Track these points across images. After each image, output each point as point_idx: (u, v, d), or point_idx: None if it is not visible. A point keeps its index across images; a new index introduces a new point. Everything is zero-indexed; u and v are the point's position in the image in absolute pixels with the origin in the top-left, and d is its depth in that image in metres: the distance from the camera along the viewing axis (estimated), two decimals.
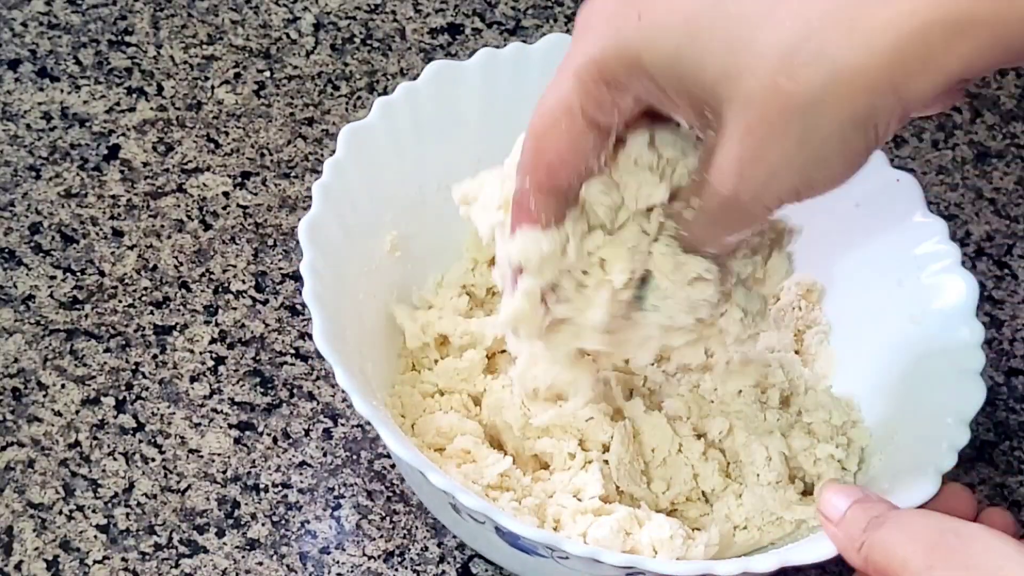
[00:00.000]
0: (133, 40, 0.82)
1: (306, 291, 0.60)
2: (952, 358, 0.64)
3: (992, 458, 0.71)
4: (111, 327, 0.71)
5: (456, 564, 0.65)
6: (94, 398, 0.68)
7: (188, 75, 0.81)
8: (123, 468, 0.66)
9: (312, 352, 0.71)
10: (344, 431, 0.68)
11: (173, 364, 0.70)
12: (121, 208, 0.75)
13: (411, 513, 0.66)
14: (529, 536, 0.56)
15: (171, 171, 0.76)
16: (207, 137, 0.78)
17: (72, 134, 0.77)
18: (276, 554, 0.64)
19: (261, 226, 0.75)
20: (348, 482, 0.67)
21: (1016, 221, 0.80)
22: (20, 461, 0.66)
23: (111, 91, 0.79)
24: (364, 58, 0.83)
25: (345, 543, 0.65)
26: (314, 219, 0.63)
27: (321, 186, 0.64)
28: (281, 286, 0.73)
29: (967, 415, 0.61)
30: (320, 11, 0.85)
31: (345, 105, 0.80)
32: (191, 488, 0.66)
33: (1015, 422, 0.72)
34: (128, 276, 0.72)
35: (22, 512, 0.65)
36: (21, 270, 0.72)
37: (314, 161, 0.78)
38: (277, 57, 0.82)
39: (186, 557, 0.64)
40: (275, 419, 0.68)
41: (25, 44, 0.81)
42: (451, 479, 0.57)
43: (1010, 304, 0.76)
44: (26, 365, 0.69)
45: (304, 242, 0.62)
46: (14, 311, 0.71)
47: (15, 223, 0.74)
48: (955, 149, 0.82)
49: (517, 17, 0.86)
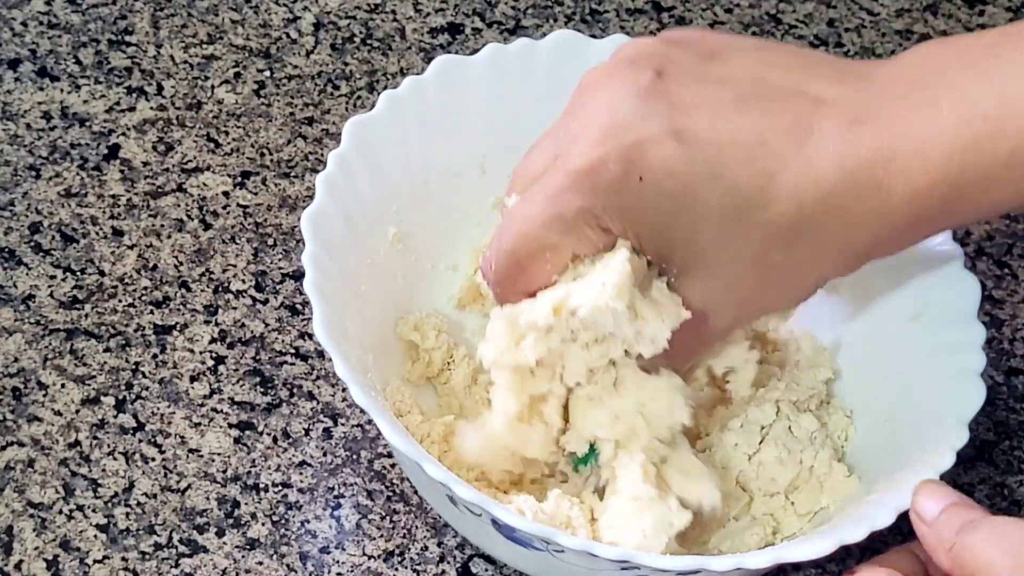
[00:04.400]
0: (133, 40, 0.82)
1: (307, 282, 0.60)
2: (953, 358, 0.64)
3: (992, 458, 0.71)
4: (111, 327, 0.71)
5: (456, 564, 0.65)
6: (94, 398, 0.68)
7: (188, 75, 0.81)
8: (123, 468, 0.66)
9: (312, 352, 0.71)
10: (344, 431, 0.68)
11: (173, 364, 0.70)
12: (121, 208, 0.75)
13: (411, 513, 0.66)
14: (524, 528, 0.56)
15: (171, 171, 0.76)
16: (207, 137, 0.78)
17: (72, 134, 0.77)
18: (276, 554, 0.64)
19: (261, 226, 0.75)
20: (348, 482, 0.67)
21: (1016, 221, 0.80)
22: (20, 461, 0.66)
23: (111, 91, 0.79)
24: (364, 58, 0.83)
25: (345, 543, 0.65)
26: (317, 210, 0.63)
27: (325, 178, 0.64)
28: (281, 286, 0.73)
29: (966, 416, 0.61)
30: (320, 11, 0.85)
31: (345, 105, 0.80)
32: (191, 488, 0.66)
33: (1015, 422, 0.72)
34: (128, 276, 0.72)
35: (22, 512, 0.65)
36: (21, 270, 0.72)
37: (314, 161, 0.78)
38: (277, 57, 0.82)
39: (186, 557, 0.64)
40: (275, 419, 0.68)
41: (25, 44, 0.81)
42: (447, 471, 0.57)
43: (1010, 304, 0.77)
44: (26, 365, 0.69)
45: (306, 233, 0.62)
46: (14, 311, 0.71)
47: (15, 223, 0.74)
48: None
49: (517, 17, 0.86)
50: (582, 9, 0.87)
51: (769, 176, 0.54)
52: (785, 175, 0.54)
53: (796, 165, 0.54)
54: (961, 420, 0.61)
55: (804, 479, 0.65)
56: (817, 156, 0.54)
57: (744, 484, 0.65)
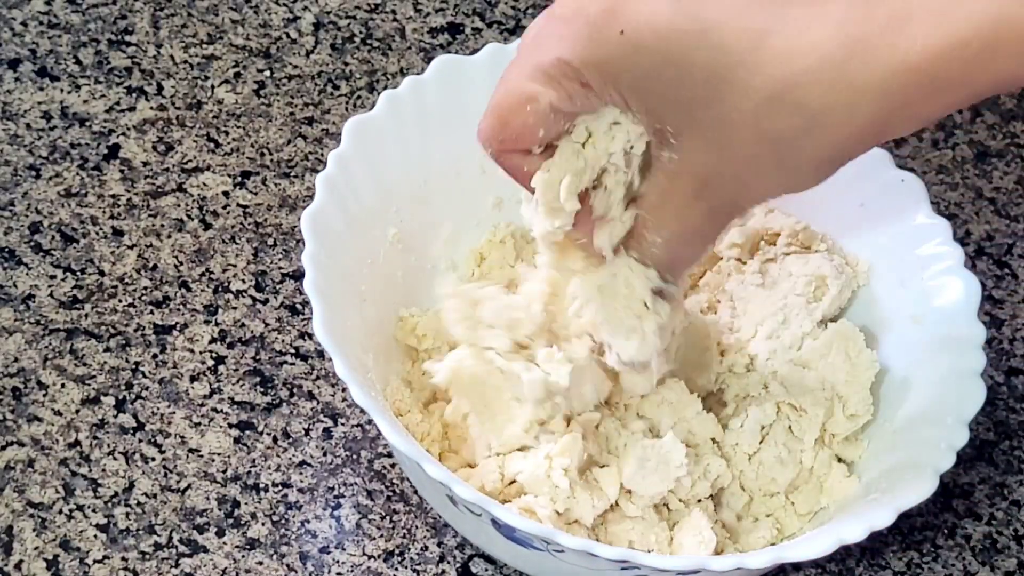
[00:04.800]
0: (133, 40, 0.82)
1: (307, 282, 0.60)
2: (953, 358, 0.64)
3: (992, 458, 0.71)
4: (111, 327, 0.71)
5: (456, 564, 0.65)
6: (94, 398, 0.68)
7: (188, 75, 0.81)
8: (123, 468, 0.66)
9: (312, 352, 0.71)
10: (344, 431, 0.68)
11: (173, 364, 0.70)
12: (121, 208, 0.75)
13: (411, 513, 0.66)
14: (524, 528, 0.56)
15: (171, 171, 0.76)
16: (207, 137, 0.78)
17: (72, 134, 0.77)
18: (276, 554, 0.64)
19: (261, 226, 0.75)
20: (348, 482, 0.67)
21: (1016, 221, 0.80)
22: (20, 461, 0.66)
23: (111, 91, 0.79)
24: (364, 58, 0.83)
25: (345, 543, 0.65)
26: (317, 210, 0.63)
27: (325, 178, 0.64)
28: (281, 286, 0.73)
29: (967, 416, 0.61)
30: (320, 10, 0.85)
31: (345, 105, 0.80)
32: (191, 488, 0.66)
33: (1015, 422, 0.72)
34: (128, 276, 0.72)
35: (22, 512, 0.65)
36: (21, 270, 0.72)
37: (314, 161, 0.78)
38: (277, 57, 0.82)
39: (186, 557, 0.64)
40: (275, 419, 0.68)
41: (25, 44, 0.81)
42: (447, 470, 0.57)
43: (1010, 304, 0.76)
44: (26, 365, 0.69)
45: (306, 233, 0.62)
46: (14, 311, 0.71)
47: (15, 223, 0.74)
48: (955, 149, 0.82)
49: (517, 17, 0.86)
50: None
51: (760, 35, 0.50)
52: (778, 36, 0.50)
53: (792, 27, 0.50)
54: (961, 420, 0.61)
55: (804, 479, 0.65)
56: (818, 17, 0.50)
57: (744, 484, 0.65)
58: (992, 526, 0.69)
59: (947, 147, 0.82)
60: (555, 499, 0.60)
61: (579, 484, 0.61)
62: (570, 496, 0.60)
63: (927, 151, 0.82)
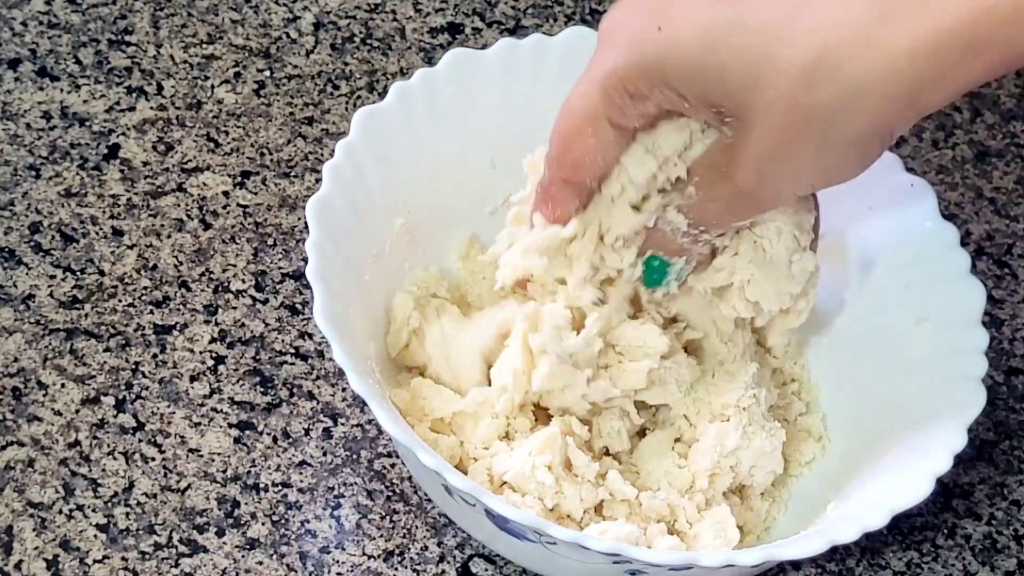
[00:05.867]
0: (133, 40, 0.82)
1: (310, 269, 0.60)
2: (954, 363, 0.64)
3: (992, 458, 0.71)
4: (111, 327, 0.71)
5: (456, 564, 0.65)
6: (94, 397, 0.68)
7: (188, 75, 0.81)
8: (123, 468, 0.66)
9: (312, 351, 0.71)
10: (344, 431, 0.68)
11: (173, 364, 0.70)
12: (121, 208, 0.75)
13: (411, 512, 0.66)
14: (515, 518, 0.56)
15: (171, 171, 0.76)
16: (207, 137, 0.78)
17: (72, 134, 0.77)
18: (276, 553, 0.65)
19: (261, 226, 0.75)
20: (348, 482, 0.67)
21: (1016, 221, 0.80)
22: (20, 460, 0.66)
23: (111, 90, 0.79)
24: (364, 58, 0.83)
25: (345, 543, 0.65)
26: (323, 198, 0.63)
27: (332, 166, 0.64)
28: (281, 286, 0.73)
29: (966, 420, 0.61)
30: (320, 10, 0.85)
31: (345, 105, 0.80)
32: (191, 488, 0.66)
33: (1015, 422, 0.72)
34: (128, 276, 0.72)
35: (22, 512, 0.65)
36: (21, 270, 0.72)
37: (314, 160, 0.78)
38: (277, 57, 0.82)
39: (186, 556, 0.64)
40: (275, 419, 0.68)
41: (25, 44, 0.81)
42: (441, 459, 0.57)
43: (1010, 304, 0.77)
44: (26, 365, 0.69)
45: (311, 220, 0.62)
46: (14, 311, 0.71)
47: (15, 223, 0.74)
48: (955, 149, 0.82)
49: (517, 16, 0.86)
50: (582, 9, 0.87)
51: (794, 10, 0.51)
52: (810, 9, 0.51)
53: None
54: (960, 424, 0.61)
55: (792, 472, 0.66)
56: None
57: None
58: (992, 526, 0.69)
59: (947, 147, 0.82)
60: (542, 496, 0.61)
61: (565, 479, 0.61)
62: (557, 492, 0.61)
63: (927, 151, 0.82)
